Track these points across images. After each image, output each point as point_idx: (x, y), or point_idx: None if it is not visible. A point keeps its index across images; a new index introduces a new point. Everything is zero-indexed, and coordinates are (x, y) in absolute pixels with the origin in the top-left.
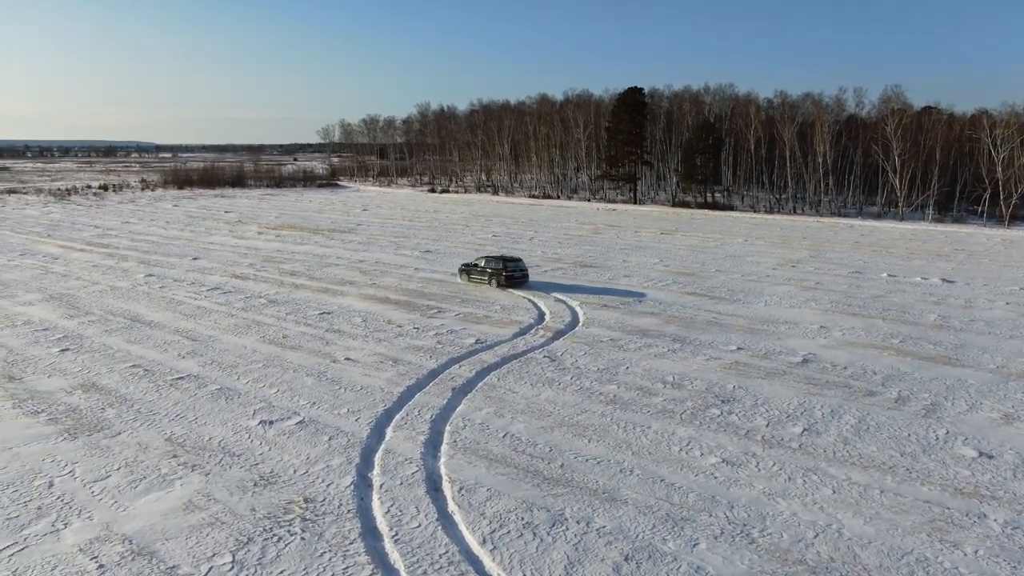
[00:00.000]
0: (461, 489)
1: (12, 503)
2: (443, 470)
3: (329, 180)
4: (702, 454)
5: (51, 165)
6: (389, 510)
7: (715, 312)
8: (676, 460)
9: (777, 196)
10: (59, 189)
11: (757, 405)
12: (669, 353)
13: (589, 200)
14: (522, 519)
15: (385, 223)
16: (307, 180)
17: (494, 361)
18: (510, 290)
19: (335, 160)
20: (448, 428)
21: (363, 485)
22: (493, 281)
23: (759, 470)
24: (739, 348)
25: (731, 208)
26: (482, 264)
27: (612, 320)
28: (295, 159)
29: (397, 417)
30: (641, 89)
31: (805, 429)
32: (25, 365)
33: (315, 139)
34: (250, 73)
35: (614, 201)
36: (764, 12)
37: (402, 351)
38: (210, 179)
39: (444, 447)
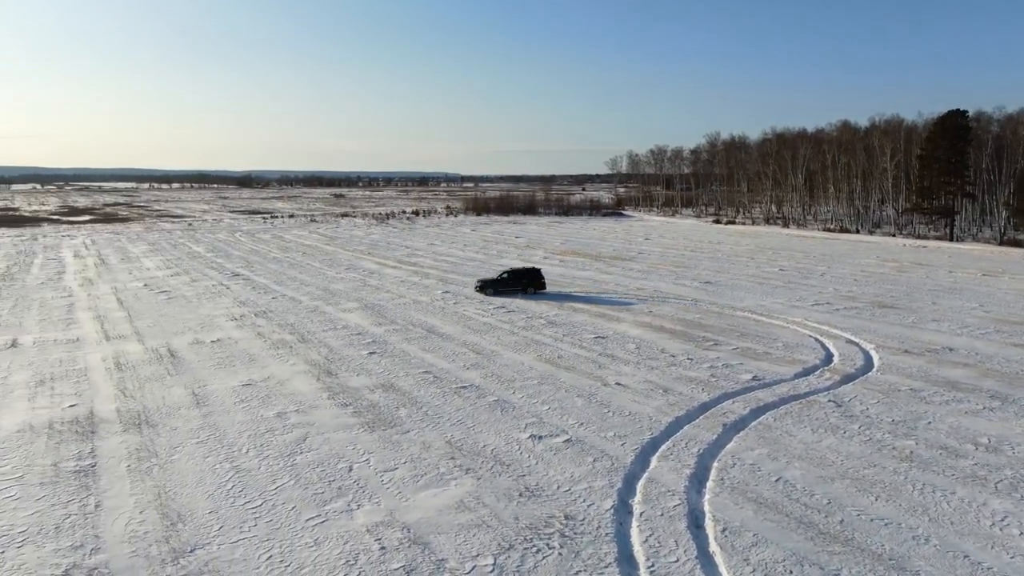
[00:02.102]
0: (725, 530)
1: (319, 480)
2: (707, 507)
3: (614, 209)
4: (1022, 533)
5: (376, 193)
6: (647, 540)
7: None
8: (986, 535)
9: None
10: (380, 214)
11: None
12: (985, 411)
13: (894, 235)
14: (790, 572)
15: (666, 252)
16: (593, 209)
17: (771, 400)
18: (666, 311)
19: (621, 190)
20: (716, 464)
21: (623, 511)
22: (530, 289)
23: None
24: None
25: None
26: (508, 277)
27: (914, 368)
28: (583, 188)
29: (663, 447)
30: (964, 112)
31: None
32: (341, 363)
33: (603, 170)
34: (543, 109)
35: (925, 237)
36: None
37: (673, 381)
38: (505, 207)
39: (710, 484)
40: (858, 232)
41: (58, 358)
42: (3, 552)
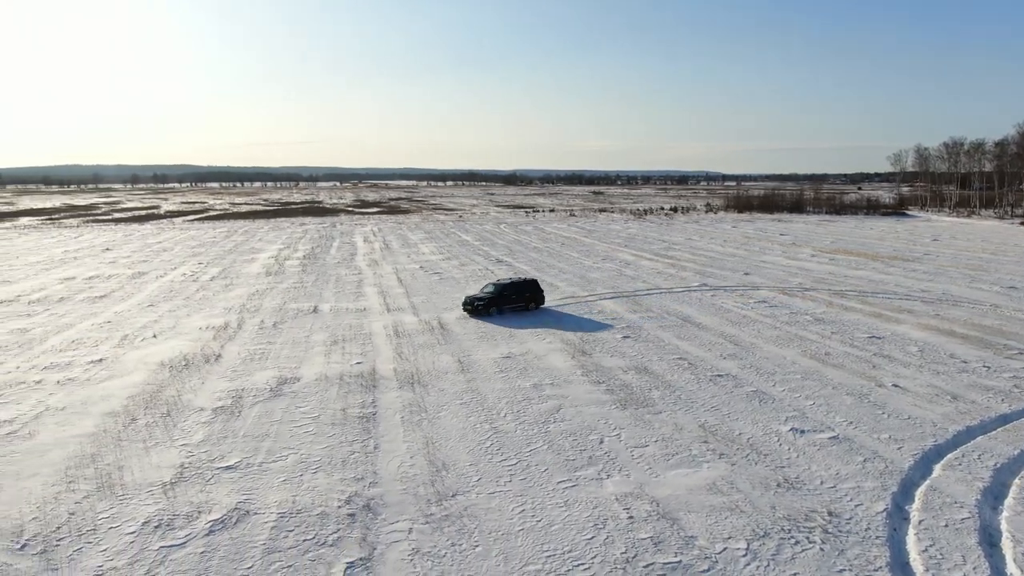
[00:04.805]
0: None
1: (571, 448)
2: (1004, 526)
3: (895, 209)
4: None
5: (634, 191)
6: (927, 550)
7: None
8: None
9: None
10: (637, 210)
11: None
12: None
13: None
14: None
15: (959, 254)
16: (870, 208)
17: None
18: None
19: (904, 189)
20: (1017, 482)
21: (897, 516)
22: (533, 304)
23: None
24: None
25: None
26: (502, 292)
27: None
28: (859, 188)
29: (949, 456)
30: None
31: None
32: (595, 344)
33: (882, 167)
34: (813, 105)
35: None
36: None
37: (964, 388)
38: (769, 205)
39: (1009, 501)
40: None
41: (348, 323)
42: (302, 475)
